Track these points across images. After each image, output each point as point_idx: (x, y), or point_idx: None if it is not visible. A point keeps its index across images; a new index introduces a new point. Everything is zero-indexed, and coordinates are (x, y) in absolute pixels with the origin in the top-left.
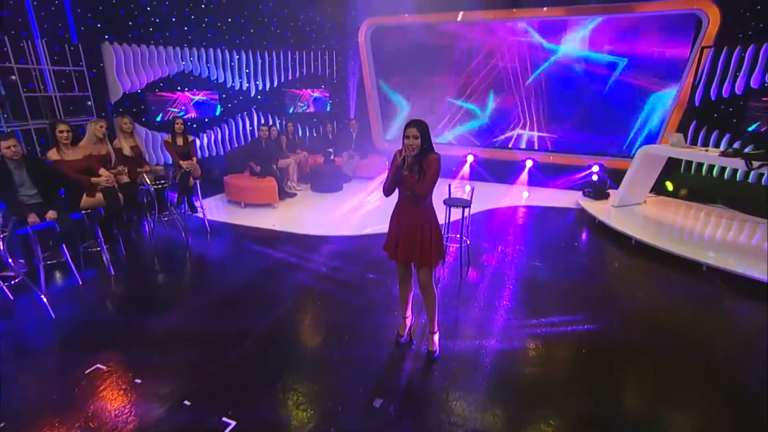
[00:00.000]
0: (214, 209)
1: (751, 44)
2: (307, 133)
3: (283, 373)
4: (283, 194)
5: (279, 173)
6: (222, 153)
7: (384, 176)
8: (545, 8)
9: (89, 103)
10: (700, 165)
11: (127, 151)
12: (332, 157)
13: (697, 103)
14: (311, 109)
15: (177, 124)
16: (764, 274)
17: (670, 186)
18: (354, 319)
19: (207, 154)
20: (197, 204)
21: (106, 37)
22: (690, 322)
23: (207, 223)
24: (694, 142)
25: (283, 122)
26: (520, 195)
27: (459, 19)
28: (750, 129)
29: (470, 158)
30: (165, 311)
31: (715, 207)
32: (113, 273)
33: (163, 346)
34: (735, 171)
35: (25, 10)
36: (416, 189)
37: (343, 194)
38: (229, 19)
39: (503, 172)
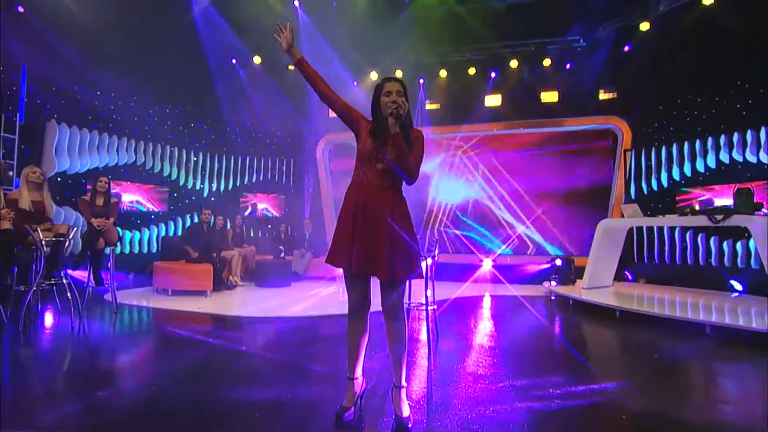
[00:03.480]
0: (134, 297)
1: (662, 147)
2: (260, 234)
3: None
4: (220, 285)
5: (220, 263)
6: None
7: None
8: (486, 123)
9: (10, 173)
10: (651, 254)
11: (25, 204)
12: (283, 255)
13: (633, 196)
14: (266, 213)
15: (100, 181)
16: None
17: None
18: (277, 396)
19: (146, 250)
20: (105, 278)
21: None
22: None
23: (114, 301)
24: (639, 229)
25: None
26: (484, 288)
27: None
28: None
29: (429, 260)
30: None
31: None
32: None
33: None
34: (684, 256)
35: None
36: (405, 159)
37: (290, 290)
38: (192, 124)
39: (462, 274)
